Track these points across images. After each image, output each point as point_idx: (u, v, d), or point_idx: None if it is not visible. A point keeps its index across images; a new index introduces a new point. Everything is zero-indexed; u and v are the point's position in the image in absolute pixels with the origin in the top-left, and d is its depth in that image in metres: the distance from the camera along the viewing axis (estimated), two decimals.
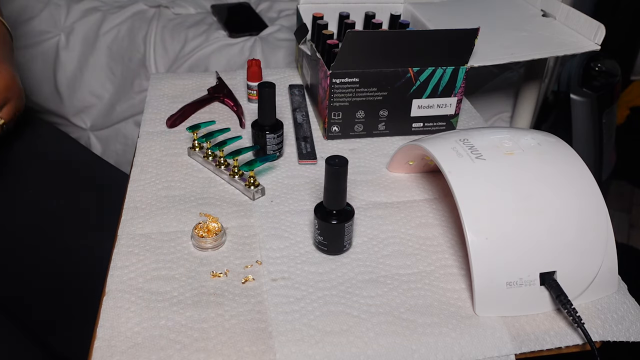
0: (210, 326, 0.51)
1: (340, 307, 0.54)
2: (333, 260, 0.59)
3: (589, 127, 1.48)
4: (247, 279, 0.56)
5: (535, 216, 0.53)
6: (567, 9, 0.84)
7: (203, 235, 0.59)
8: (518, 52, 0.78)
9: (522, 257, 0.52)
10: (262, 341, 0.50)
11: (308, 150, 0.75)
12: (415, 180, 0.71)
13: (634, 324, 0.53)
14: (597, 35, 0.78)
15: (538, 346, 0.51)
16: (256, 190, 0.66)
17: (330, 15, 0.86)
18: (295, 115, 0.82)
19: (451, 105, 0.77)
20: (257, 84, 0.78)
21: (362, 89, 0.73)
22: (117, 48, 1.32)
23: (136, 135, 0.77)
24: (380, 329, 0.51)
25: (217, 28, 1.34)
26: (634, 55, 2.05)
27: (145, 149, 0.74)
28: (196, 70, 1.28)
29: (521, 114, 1.13)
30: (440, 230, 0.63)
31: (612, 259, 0.54)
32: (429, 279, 0.57)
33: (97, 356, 0.48)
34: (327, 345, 0.50)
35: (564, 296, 0.51)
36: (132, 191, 0.67)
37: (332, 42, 0.76)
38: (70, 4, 1.40)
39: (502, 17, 0.89)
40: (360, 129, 0.77)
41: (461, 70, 0.74)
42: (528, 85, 1.10)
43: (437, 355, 0.50)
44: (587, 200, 0.55)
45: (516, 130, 0.62)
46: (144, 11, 1.40)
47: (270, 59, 1.26)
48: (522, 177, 0.55)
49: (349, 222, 0.57)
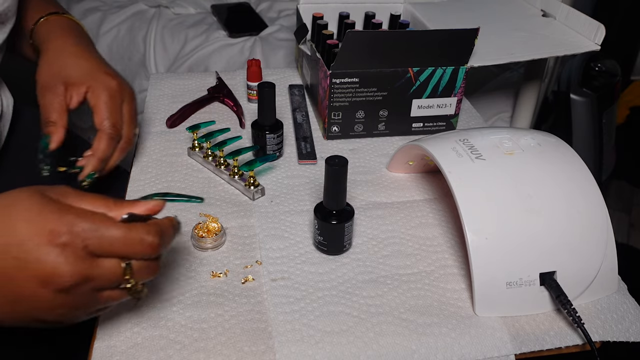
0: (210, 326, 0.51)
1: (340, 307, 0.54)
2: (333, 260, 0.59)
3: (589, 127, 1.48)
4: (247, 279, 0.56)
5: (535, 216, 0.53)
6: (567, 9, 0.84)
7: (203, 235, 0.59)
8: (518, 52, 0.78)
9: (522, 257, 0.52)
10: (262, 341, 0.50)
11: (308, 150, 0.75)
12: (415, 180, 0.71)
13: (634, 324, 0.53)
14: (597, 35, 0.78)
15: (538, 346, 0.51)
16: (256, 190, 0.66)
17: (330, 15, 0.86)
18: (295, 115, 0.82)
19: (451, 105, 0.77)
20: (257, 84, 0.78)
21: (362, 89, 0.73)
22: (117, 48, 1.32)
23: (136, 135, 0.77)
24: (380, 329, 0.51)
25: (217, 28, 1.34)
26: (634, 55, 2.05)
27: (145, 149, 0.74)
28: (196, 70, 1.28)
29: (521, 114, 1.13)
30: (440, 230, 0.63)
31: (612, 259, 0.54)
32: (429, 279, 0.57)
33: (97, 356, 0.48)
34: (327, 345, 0.50)
35: (563, 296, 0.51)
36: (132, 191, 0.67)
37: (332, 42, 0.76)
38: (70, 4, 1.40)
39: (502, 17, 0.89)
40: (360, 129, 0.77)
41: (461, 70, 0.74)
42: (528, 85, 1.10)
43: (437, 355, 0.50)
44: (587, 200, 0.55)
45: (516, 130, 0.62)
46: (144, 11, 1.40)
47: (270, 59, 1.26)
48: (522, 177, 0.55)
49: (349, 222, 0.57)
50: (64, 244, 0.40)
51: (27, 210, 0.41)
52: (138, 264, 0.43)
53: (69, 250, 0.40)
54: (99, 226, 0.41)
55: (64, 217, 0.40)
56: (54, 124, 0.62)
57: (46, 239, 0.39)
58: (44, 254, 0.39)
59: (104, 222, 0.42)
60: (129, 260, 0.42)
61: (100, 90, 0.64)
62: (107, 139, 0.63)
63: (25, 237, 0.40)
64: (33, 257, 0.39)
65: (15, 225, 0.40)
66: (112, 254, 0.42)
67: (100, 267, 0.41)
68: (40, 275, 0.39)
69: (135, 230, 0.42)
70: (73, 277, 0.40)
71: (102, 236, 0.41)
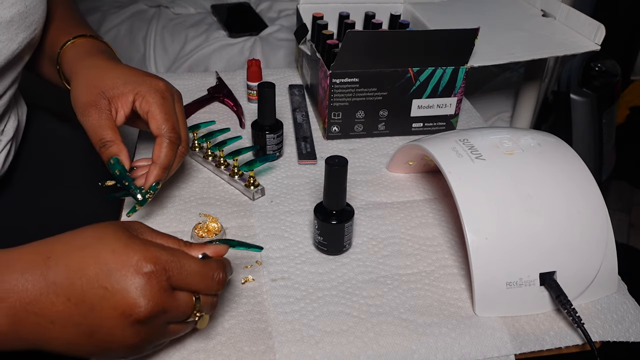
0: (209, 326, 0.51)
1: (340, 307, 0.54)
2: (333, 260, 0.59)
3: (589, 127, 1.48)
4: (247, 279, 0.56)
5: (535, 216, 0.53)
6: (567, 9, 0.84)
7: (203, 235, 0.59)
8: (518, 52, 0.78)
9: (522, 257, 0.52)
10: (262, 341, 0.50)
11: (308, 150, 0.75)
12: (415, 180, 0.71)
13: (634, 324, 0.53)
14: (597, 35, 0.78)
15: (538, 346, 0.51)
16: (256, 190, 0.66)
17: (330, 15, 0.86)
18: (295, 115, 0.82)
19: (451, 105, 0.77)
20: (257, 84, 0.78)
21: (362, 89, 0.73)
22: (117, 48, 1.32)
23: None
24: (380, 329, 0.51)
25: (217, 28, 1.34)
26: (634, 55, 2.05)
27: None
28: (196, 70, 1.28)
29: (521, 114, 1.13)
30: (440, 230, 0.63)
31: (612, 259, 0.54)
32: (429, 279, 0.57)
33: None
34: (327, 345, 0.50)
35: (563, 296, 0.51)
36: None
37: (332, 42, 0.76)
38: None
39: (502, 17, 0.89)
40: (360, 129, 0.77)
41: (461, 70, 0.74)
42: (528, 85, 1.10)
43: (437, 355, 0.50)
44: (587, 200, 0.55)
45: (516, 130, 0.62)
46: (144, 11, 1.40)
47: (270, 59, 1.26)
48: (522, 177, 0.55)
49: (348, 222, 0.57)
50: (150, 274, 0.41)
51: (115, 242, 0.42)
52: (205, 298, 0.45)
53: (154, 280, 0.41)
54: (180, 259, 0.43)
55: (149, 249, 0.42)
56: (112, 142, 0.57)
57: (133, 269, 0.41)
58: (131, 283, 0.40)
59: (184, 255, 0.44)
60: (199, 295, 0.44)
61: (151, 94, 0.59)
62: (169, 144, 0.58)
63: (114, 268, 0.41)
64: (120, 286, 0.40)
65: (105, 257, 0.41)
66: (188, 288, 0.43)
67: (177, 300, 0.43)
68: (122, 305, 0.40)
69: (208, 266, 0.44)
70: (154, 308, 0.41)
71: (182, 268, 0.42)
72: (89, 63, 0.62)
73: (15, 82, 0.66)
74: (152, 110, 0.58)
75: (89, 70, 0.61)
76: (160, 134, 0.58)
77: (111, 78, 0.59)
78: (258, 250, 0.52)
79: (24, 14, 0.59)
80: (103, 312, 0.40)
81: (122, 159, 0.57)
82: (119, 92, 0.59)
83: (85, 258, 0.41)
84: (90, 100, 0.58)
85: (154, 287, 0.41)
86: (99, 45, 0.67)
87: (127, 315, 0.40)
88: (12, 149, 0.69)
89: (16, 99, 0.72)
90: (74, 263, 0.41)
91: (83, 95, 0.59)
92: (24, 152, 0.75)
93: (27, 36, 0.61)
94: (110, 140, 0.57)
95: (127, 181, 0.57)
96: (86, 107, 0.58)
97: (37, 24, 0.62)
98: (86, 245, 0.42)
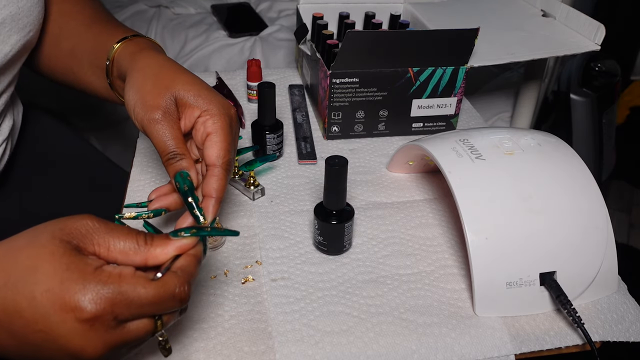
0: (209, 326, 0.51)
1: (340, 307, 0.54)
2: (333, 260, 0.59)
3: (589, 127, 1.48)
4: (246, 279, 0.56)
5: (535, 216, 0.53)
6: (567, 9, 0.84)
7: None
8: (518, 52, 0.78)
9: (522, 257, 0.52)
10: (262, 341, 0.50)
11: (308, 150, 0.75)
12: (415, 180, 0.71)
13: (634, 324, 0.53)
14: (597, 35, 0.78)
15: (538, 346, 0.51)
16: (256, 190, 0.66)
17: (330, 15, 0.86)
18: (295, 115, 0.82)
19: (451, 105, 0.77)
20: (257, 84, 0.78)
21: (362, 89, 0.73)
22: None
23: (136, 135, 0.77)
24: (380, 329, 0.51)
25: (217, 28, 1.34)
26: (634, 55, 2.05)
27: (145, 149, 0.74)
28: (196, 70, 1.28)
29: (521, 114, 1.13)
30: (440, 230, 0.63)
31: (612, 259, 0.54)
32: (429, 279, 0.57)
33: None
34: (327, 345, 0.50)
35: (563, 296, 0.51)
36: (132, 191, 0.67)
37: (332, 42, 0.76)
38: None
39: (502, 17, 0.89)
40: (360, 129, 0.77)
41: (461, 70, 0.74)
42: (528, 85, 1.10)
43: (437, 355, 0.50)
44: (587, 200, 0.55)
45: (516, 130, 0.62)
46: (144, 11, 1.40)
47: (270, 59, 1.26)
48: (522, 177, 0.55)
49: (348, 222, 0.57)
50: (92, 320, 0.36)
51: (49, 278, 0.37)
52: (167, 316, 0.41)
53: (97, 324, 0.37)
54: (127, 289, 0.37)
55: (87, 286, 0.37)
56: (183, 156, 0.51)
57: (72, 316, 0.36)
58: (72, 330, 0.36)
59: (134, 283, 0.38)
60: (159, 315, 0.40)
61: (221, 118, 0.52)
62: (226, 176, 0.51)
63: (49, 311, 0.36)
64: (59, 333, 0.36)
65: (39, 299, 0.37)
66: (142, 316, 0.39)
67: (131, 332, 0.39)
68: (69, 349, 0.37)
69: (165, 287, 0.39)
70: (104, 349, 0.37)
71: (131, 302, 0.38)
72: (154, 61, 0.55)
73: (11, 84, 0.66)
74: (217, 135, 0.52)
75: (159, 69, 0.54)
76: (217, 164, 0.51)
77: (183, 84, 0.52)
78: (234, 234, 0.46)
79: (16, 15, 0.59)
80: (52, 352, 0.38)
81: (191, 175, 0.51)
82: (189, 103, 0.52)
83: (18, 296, 0.37)
84: (160, 104, 0.51)
85: (99, 331, 0.37)
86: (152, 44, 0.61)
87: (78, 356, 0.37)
88: (7, 148, 0.69)
89: (12, 99, 0.72)
90: (8, 302, 0.37)
91: (151, 94, 0.52)
92: (19, 152, 0.75)
93: (21, 38, 0.61)
94: (182, 154, 0.51)
95: (194, 200, 0.50)
96: (155, 110, 0.51)
97: (32, 26, 0.62)
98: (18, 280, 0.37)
